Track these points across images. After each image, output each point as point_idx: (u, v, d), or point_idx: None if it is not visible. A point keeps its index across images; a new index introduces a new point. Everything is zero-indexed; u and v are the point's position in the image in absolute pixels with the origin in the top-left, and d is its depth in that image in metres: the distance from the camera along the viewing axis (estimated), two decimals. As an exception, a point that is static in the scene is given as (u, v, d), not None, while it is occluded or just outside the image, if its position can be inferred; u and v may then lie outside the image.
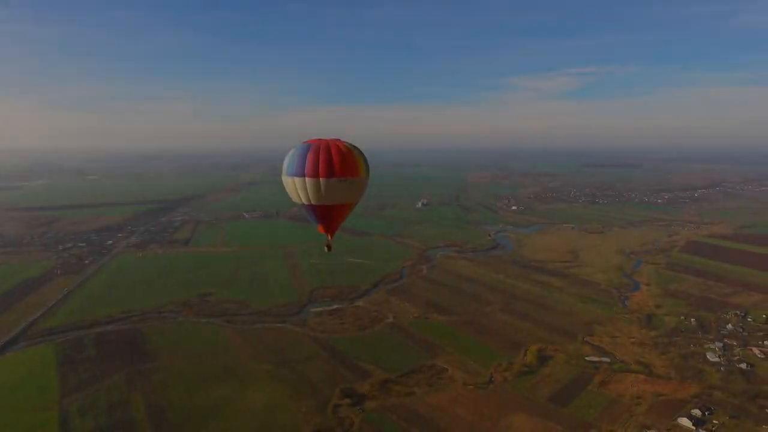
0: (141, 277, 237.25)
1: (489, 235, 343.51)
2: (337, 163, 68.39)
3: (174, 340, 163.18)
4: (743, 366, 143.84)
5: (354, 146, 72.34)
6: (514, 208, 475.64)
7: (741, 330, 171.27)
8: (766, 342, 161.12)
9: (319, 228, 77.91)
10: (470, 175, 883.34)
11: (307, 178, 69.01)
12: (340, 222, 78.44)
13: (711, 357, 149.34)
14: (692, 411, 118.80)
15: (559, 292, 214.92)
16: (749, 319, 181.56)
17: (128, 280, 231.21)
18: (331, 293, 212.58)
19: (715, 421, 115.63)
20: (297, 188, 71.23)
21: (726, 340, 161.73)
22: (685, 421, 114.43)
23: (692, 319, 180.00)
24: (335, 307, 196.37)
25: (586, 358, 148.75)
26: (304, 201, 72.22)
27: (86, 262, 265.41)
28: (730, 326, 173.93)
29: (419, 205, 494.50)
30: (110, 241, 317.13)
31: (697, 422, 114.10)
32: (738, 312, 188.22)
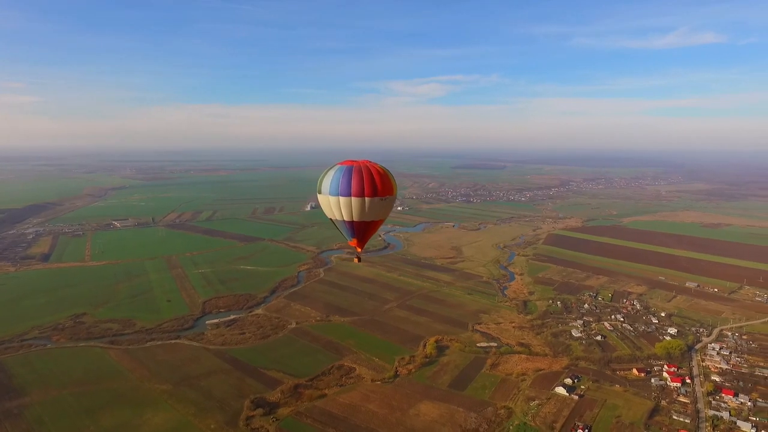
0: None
1: (379, 236, 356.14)
2: (379, 184, 76.53)
3: (46, 371, 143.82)
4: (599, 338, 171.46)
5: (385, 168, 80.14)
6: (399, 208, 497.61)
7: (594, 308, 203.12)
8: (612, 317, 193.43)
9: (353, 241, 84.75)
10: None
11: (353, 198, 75.70)
12: (371, 236, 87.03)
13: (575, 333, 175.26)
14: (565, 380, 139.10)
15: (448, 287, 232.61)
16: (599, 299, 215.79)
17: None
18: (226, 303, 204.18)
19: (582, 387, 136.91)
20: (340, 206, 78.09)
21: (585, 318, 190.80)
22: (560, 390, 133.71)
23: (558, 302, 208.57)
24: (233, 317, 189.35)
25: (478, 345, 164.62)
26: (346, 218, 79.27)
27: None
28: (586, 306, 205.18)
29: (308, 207, 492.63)
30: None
31: (569, 389, 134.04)
32: (591, 293, 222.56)
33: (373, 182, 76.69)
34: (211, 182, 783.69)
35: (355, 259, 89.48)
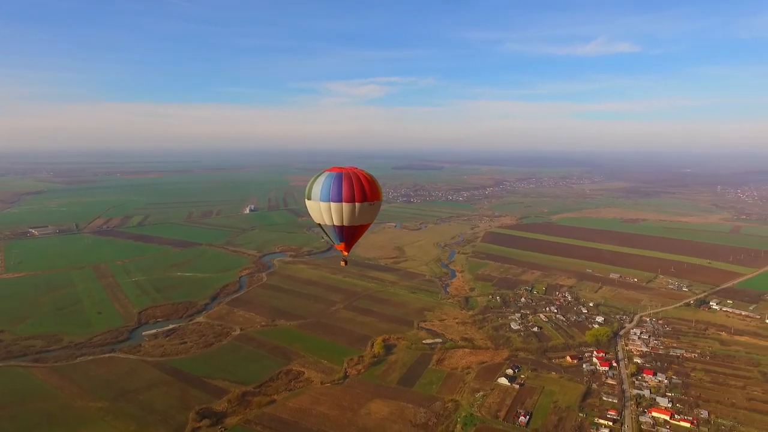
0: None
1: (322, 238, 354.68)
2: (368, 190, 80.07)
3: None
4: (535, 329, 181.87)
5: (371, 174, 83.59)
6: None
7: (530, 301, 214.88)
8: (547, 309, 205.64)
9: (340, 245, 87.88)
10: (294, 178, 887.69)
11: (344, 203, 78.72)
12: (358, 239, 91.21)
13: (514, 326, 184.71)
14: (507, 371, 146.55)
15: (392, 286, 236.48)
16: (534, 292, 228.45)
17: None
18: (164, 312, 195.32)
19: (522, 376, 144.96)
20: (331, 212, 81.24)
21: (522, 311, 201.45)
22: (503, 380, 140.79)
23: (497, 297, 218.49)
24: (172, 326, 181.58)
25: (424, 342, 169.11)
26: (336, 223, 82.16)
27: None
28: (523, 299, 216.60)
29: (247, 210, 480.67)
30: None
31: (510, 379, 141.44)
32: (527, 287, 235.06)
33: (362, 188, 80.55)
34: (141, 185, 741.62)
35: (342, 263, 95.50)
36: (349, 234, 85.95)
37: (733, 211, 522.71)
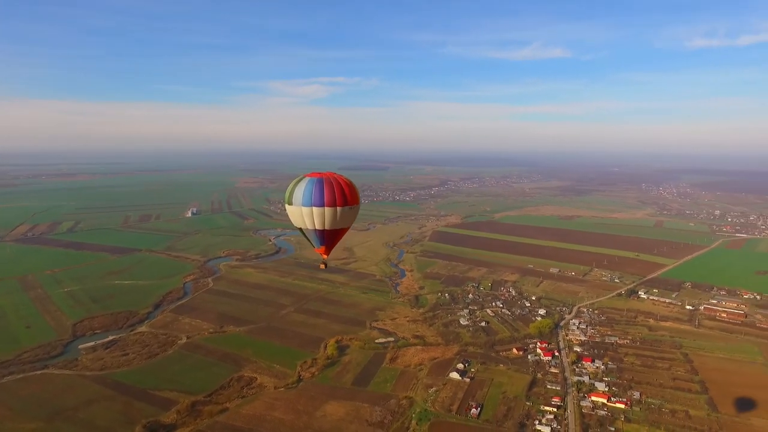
0: None
1: (269, 240, 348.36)
2: (348, 194, 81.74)
3: None
4: (483, 324, 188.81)
5: (349, 179, 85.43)
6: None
7: (478, 297, 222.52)
8: (493, 304, 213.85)
9: (320, 249, 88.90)
10: (238, 179, 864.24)
11: (326, 208, 79.87)
12: (338, 242, 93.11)
13: (463, 321, 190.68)
14: (457, 366, 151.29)
15: (343, 287, 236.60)
16: (481, 288, 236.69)
17: None
18: (102, 323, 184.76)
19: (472, 370, 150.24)
20: (313, 216, 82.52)
21: (470, 307, 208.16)
22: (454, 375, 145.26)
23: (446, 294, 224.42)
24: (111, 337, 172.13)
25: (376, 341, 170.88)
26: (318, 227, 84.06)
27: None
28: (471, 296, 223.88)
29: (189, 213, 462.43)
30: None
31: (461, 373, 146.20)
32: (474, 284, 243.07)
33: (343, 192, 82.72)
34: (70, 188, 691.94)
35: (321, 266, 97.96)
36: (330, 237, 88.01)
37: (656, 207, 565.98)
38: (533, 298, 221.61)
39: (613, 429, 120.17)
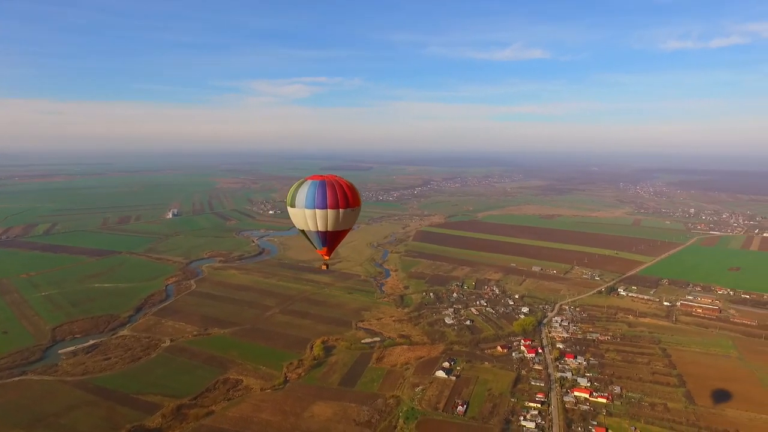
0: None
1: (253, 241, 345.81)
2: (350, 196, 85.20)
3: None
4: (468, 323, 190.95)
5: (350, 181, 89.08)
6: (271, 212, 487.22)
7: (462, 296, 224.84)
8: (477, 302, 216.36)
9: (322, 250, 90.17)
10: (219, 180, 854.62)
11: (328, 210, 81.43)
12: (339, 244, 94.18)
13: (448, 320, 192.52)
14: (443, 364, 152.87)
15: (328, 288, 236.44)
16: (465, 287, 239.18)
17: None
18: (82, 327, 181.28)
19: (458, 368, 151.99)
20: (316, 218, 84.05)
21: (455, 306, 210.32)
22: (440, 373, 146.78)
23: (431, 294, 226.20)
24: (93, 342, 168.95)
25: (363, 341, 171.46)
26: (320, 228, 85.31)
27: None
28: (455, 295, 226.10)
29: (169, 215, 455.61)
30: None
31: (447, 372, 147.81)
32: (458, 283, 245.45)
33: (345, 195, 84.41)
34: (45, 190, 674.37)
35: (323, 266, 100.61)
36: (332, 239, 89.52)
37: (634, 205, 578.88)
38: (516, 296, 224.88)
39: (595, 423, 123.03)
